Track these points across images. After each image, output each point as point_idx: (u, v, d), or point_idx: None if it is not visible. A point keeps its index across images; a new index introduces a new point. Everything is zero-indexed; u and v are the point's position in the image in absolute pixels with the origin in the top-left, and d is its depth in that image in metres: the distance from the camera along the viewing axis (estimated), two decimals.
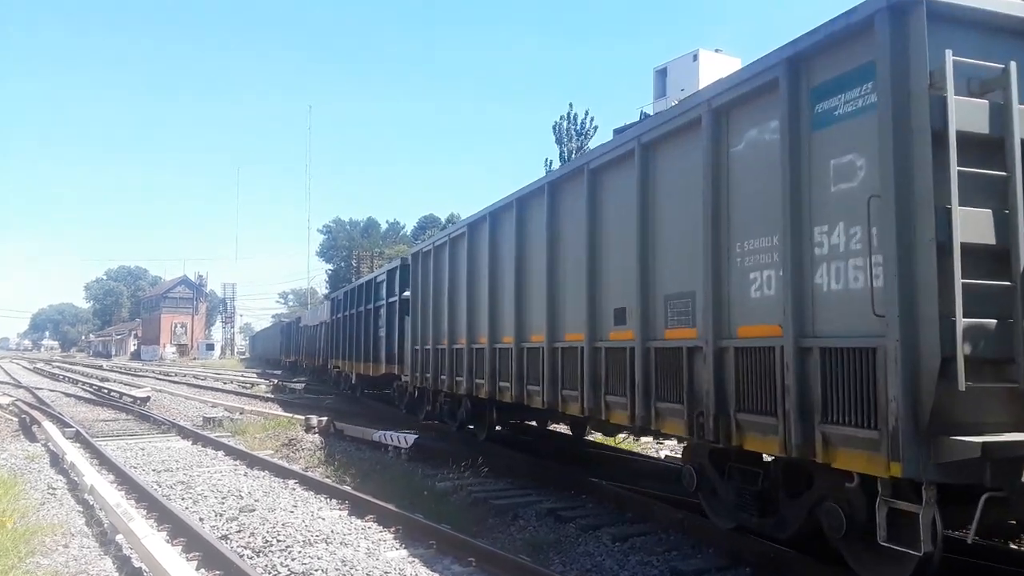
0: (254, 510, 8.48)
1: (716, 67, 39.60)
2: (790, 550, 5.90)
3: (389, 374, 17.97)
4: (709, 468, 6.55)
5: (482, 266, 11.10)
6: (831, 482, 5.17)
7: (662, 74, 41.79)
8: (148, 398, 23.35)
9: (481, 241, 11.21)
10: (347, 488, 9.38)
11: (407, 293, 15.69)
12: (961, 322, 4.06)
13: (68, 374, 45.01)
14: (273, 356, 54.14)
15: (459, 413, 12.71)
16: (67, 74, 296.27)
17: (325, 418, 15.60)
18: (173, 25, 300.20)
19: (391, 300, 17.85)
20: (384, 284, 18.88)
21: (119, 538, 7.11)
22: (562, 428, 13.47)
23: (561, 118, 44.92)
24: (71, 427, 15.39)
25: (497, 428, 12.62)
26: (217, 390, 30.31)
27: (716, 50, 41.49)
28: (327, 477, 10.59)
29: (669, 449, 12.21)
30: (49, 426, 14.92)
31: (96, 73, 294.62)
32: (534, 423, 13.05)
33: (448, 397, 13.03)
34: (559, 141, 44.75)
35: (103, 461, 11.61)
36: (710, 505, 6.70)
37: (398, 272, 17.54)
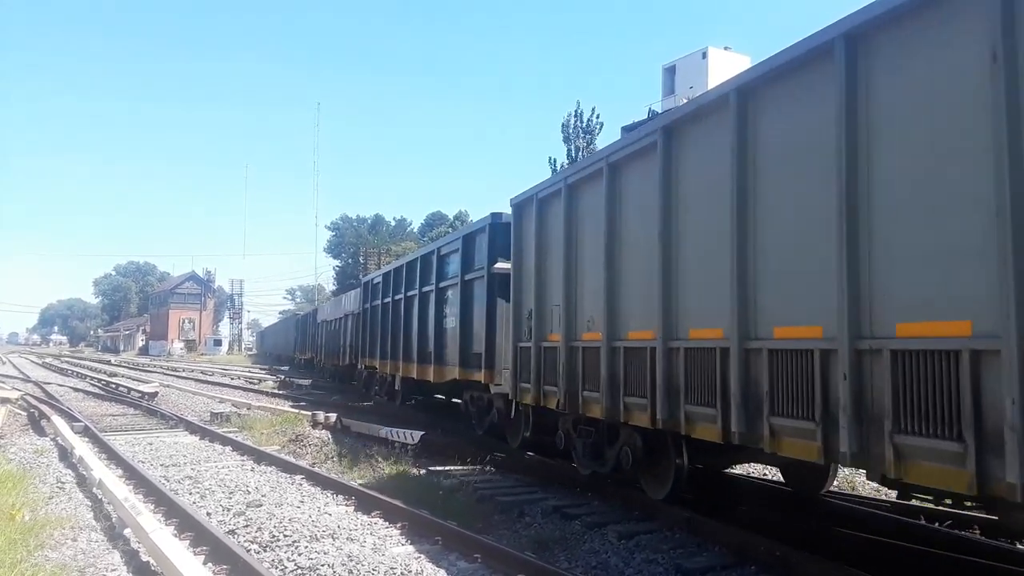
0: (261, 505, 8.51)
1: (725, 65, 39.60)
2: (795, 549, 5.89)
3: (464, 381, 13.21)
4: None
5: (710, 193, 6.39)
6: None
7: (671, 72, 41.91)
8: (156, 393, 23.48)
9: (694, 152, 6.70)
10: (353, 484, 9.40)
11: (502, 265, 11.25)
12: None
13: (76, 369, 45.21)
14: (285, 353, 50.30)
15: (614, 452, 8.27)
16: (78, 73, 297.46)
17: (332, 414, 15.64)
18: (182, 24, 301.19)
19: (470, 277, 12.94)
20: (457, 255, 13.65)
21: (127, 532, 7.14)
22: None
23: (568, 116, 45.04)
24: (80, 422, 15.49)
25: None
26: (224, 386, 30.43)
27: (725, 47, 41.49)
28: (334, 473, 10.62)
29: None
30: (58, 420, 15.02)
31: (106, 71, 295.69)
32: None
33: (589, 425, 8.67)
34: (567, 139, 44.85)
35: (111, 456, 11.67)
36: None
37: (485, 236, 12.33)
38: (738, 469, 9.68)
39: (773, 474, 9.57)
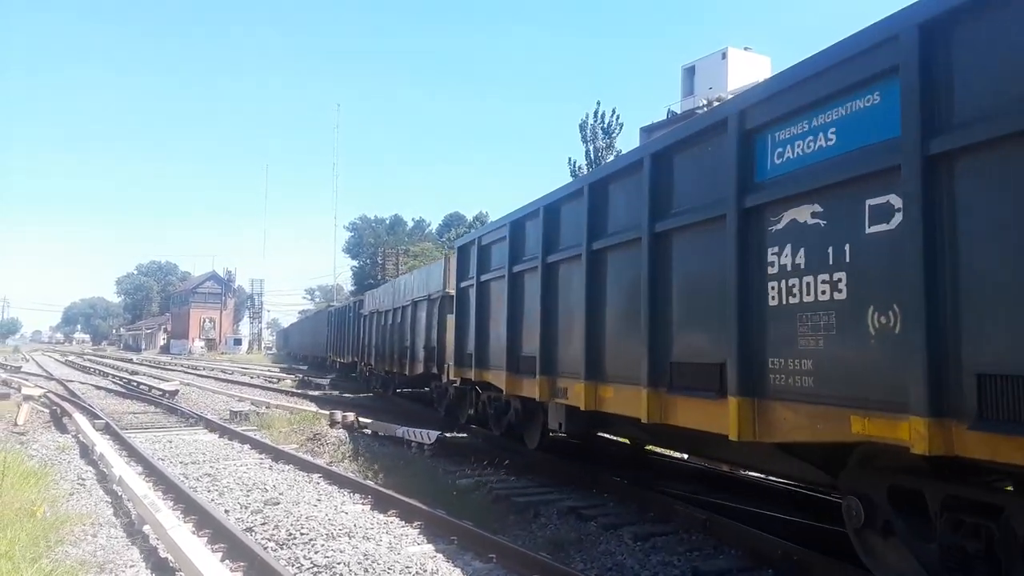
0: (278, 503, 8.56)
1: (745, 65, 39.39)
2: (813, 552, 5.84)
3: None
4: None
5: None
6: None
7: (690, 72, 41.75)
8: (176, 391, 23.65)
9: None
10: (370, 483, 9.43)
11: None
12: None
13: (99, 367, 45.66)
14: (315, 354, 42.32)
15: None
16: (99, 70, 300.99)
17: (350, 414, 15.70)
18: (202, 23, 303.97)
19: None
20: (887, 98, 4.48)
21: (146, 529, 7.21)
22: None
23: (587, 116, 44.93)
24: (101, 419, 15.64)
25: None
26: (244, 384, 30.64)
27: (745, 48, 41.27)
28: (351, 472, 10.65)
29: None
30: (79, 418, 15.17)
31: (126, 70, 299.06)
32: None
33: None
34: (585, 139, 44.73)
35: (131, 453, 11.78)
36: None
37: None
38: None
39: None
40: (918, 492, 4.66)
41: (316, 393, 25.36)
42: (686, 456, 10.60)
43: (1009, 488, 4.37)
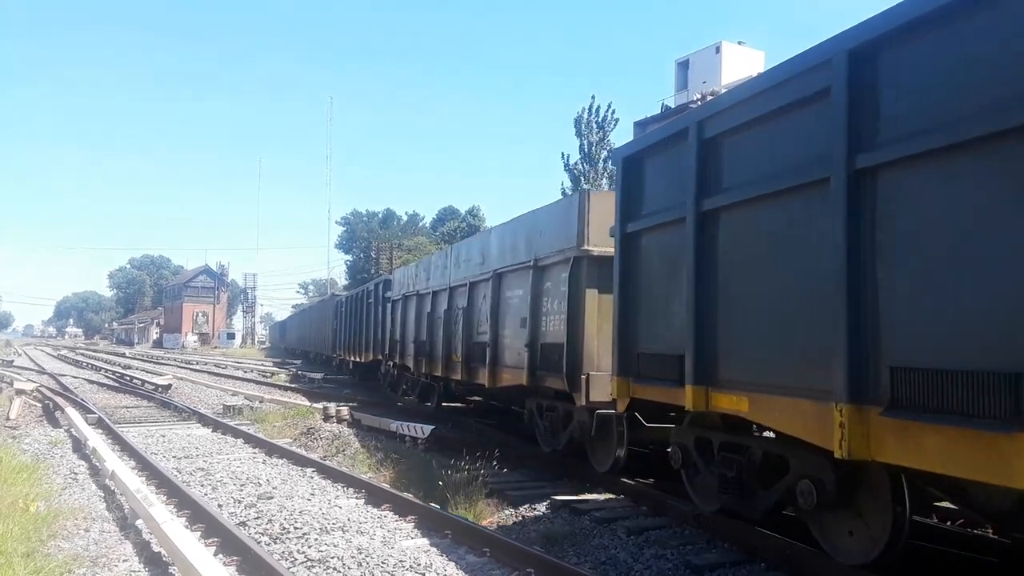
0: (272, 498, 8.56)
1: (739, 60, 39.34)
2: (806, 547, 5.87)
3: None
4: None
5: None
6: None
7: (684, 66, 41.68)
8: (169, 386, 23.60)
9: None
10: (364, 477, 9.43)
11: None
12: None
13: (91, 361, 45.54)
14: (317, 350, 37.73)
15: None
16: (93, 65, 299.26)
17: (344, 407, 15.69)
18: (196, 17, 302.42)
19: None
20: None
21: (139, 523, 7.19)
22: None
23: (583, 110, 44.94)
24: (93, 413, 15.58)
25: None
26: (237, 379, 30.56)
27: (739, 42, 41.23)
28: (344, 466, 10.65)
29: None
30: (72, 412, 15.13)
31: (119, 64, 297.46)
32: None
33: None
34: (580, 133, 44.75)
35: (124, 447, 11.75)
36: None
37: None
38: None
39: None
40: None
41: (310, 387, 25.23)
42: None
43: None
